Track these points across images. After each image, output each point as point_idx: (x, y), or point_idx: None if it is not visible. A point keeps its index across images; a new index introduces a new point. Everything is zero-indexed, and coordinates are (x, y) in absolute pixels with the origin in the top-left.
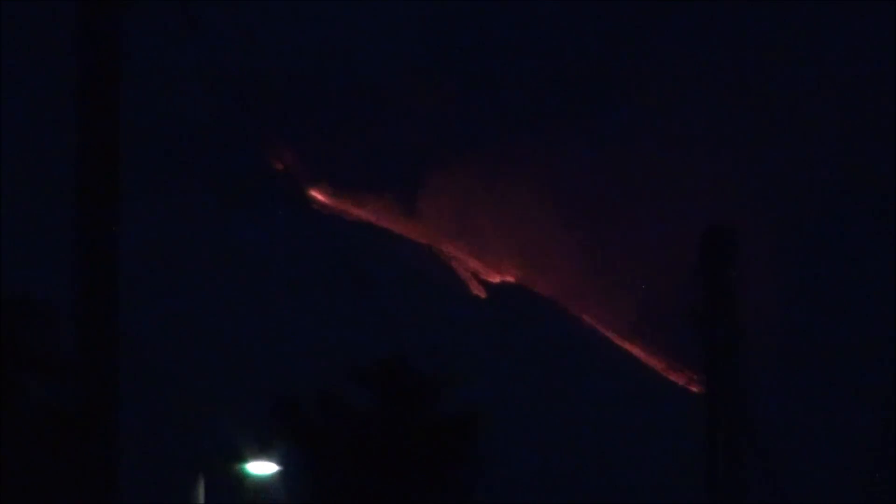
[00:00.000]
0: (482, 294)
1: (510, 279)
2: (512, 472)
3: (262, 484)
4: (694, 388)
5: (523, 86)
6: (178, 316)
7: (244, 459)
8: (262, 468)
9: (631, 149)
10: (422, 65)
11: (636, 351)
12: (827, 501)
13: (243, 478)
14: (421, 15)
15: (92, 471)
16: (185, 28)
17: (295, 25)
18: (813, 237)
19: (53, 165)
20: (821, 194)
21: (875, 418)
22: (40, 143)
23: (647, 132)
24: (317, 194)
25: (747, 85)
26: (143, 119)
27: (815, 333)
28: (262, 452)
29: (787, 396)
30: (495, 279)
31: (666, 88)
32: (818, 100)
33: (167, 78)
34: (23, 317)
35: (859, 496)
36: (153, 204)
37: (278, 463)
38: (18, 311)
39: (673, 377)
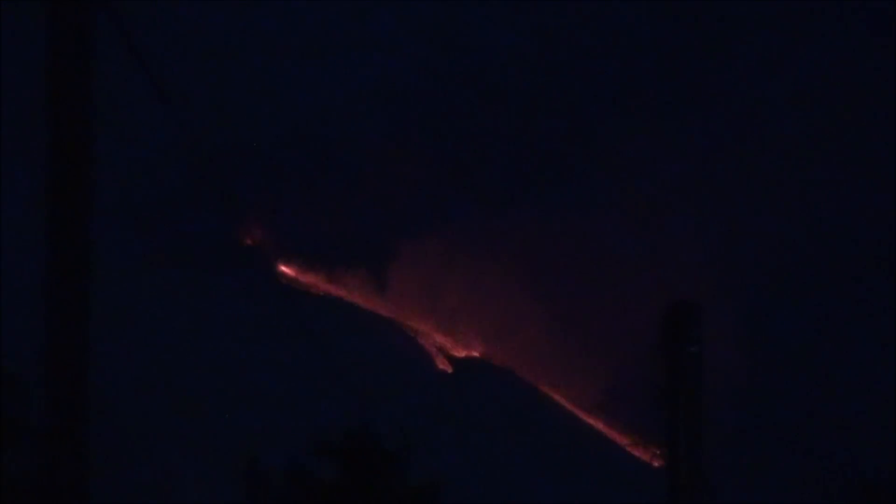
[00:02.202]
0: (448, 369)
1: (475, 354)
2: None
3: None
4: (656, 463)
5: (488, 164)
6: (149, 384)
7: None
8: None
9: (595, 226)
10: (391, 142)
11: (599, 425)
12: None
13: None
14: (388, 90)
15: None
16: (157, 100)
17: (268, 101)
18: (776, 312)
19: (24, 231)
20: (782, 270)
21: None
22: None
23: (611, 209)
24: (285, 269)
25: (707, 163)
26: (114, 182)
27: (777, 406)
28: None
29: (749, 471)
30: (461, 354)
31: (629, 164)
32: (780, 176)
33: (140, 145)
34: None
35: None
36: (125, 271)
37: None
38: None
39: (636, 452)
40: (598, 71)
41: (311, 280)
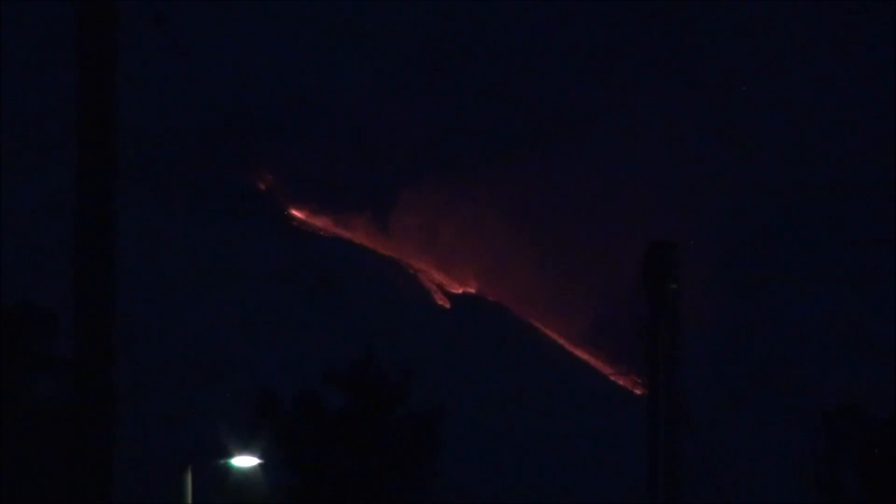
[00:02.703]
0: (446, 304)
1: (471, 290)
2: (470, 465)
3: (245, 476)
4: (638, 391)
5: (483, 118)
6: (169, 322)
7: (229, 454)
8: (245, 462)
9: (582, 173)
10: (389, 101)
11: (585, 356)
12: (757, 490)
13: (228, 471)
14: (394, 47)
15: (88, 463)
16: (174, 56)
17: (278, 58)
18: (750, 254)
19: (55, 180)
20: (756, 215)
21: (803, 424)
22: (43, 160)
23: (597, 158)
24: (296, 212)
25: (693, 114)
26: (137, 137)
27: (750, 340)
28: (245, 448)
29: (724, 398)
30: (458, 290)
31: (613, 119)
32: (765, 127)
33: (160, 102)
34: (26, 322)
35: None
36: (146, 218)
37: (260, 457)
38: (22, 317)
39: (619, 380)
40: (586, 36)
41: (320, 223)
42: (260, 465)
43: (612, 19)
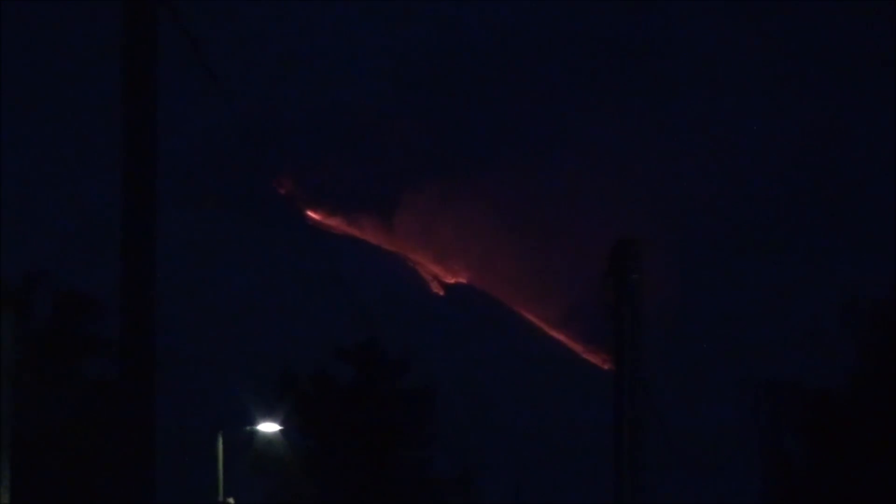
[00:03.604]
0: (441, 292)
1: (463, 280)
2: (461, 428)
3: (268, 441)
4: (606, 367)
5: (475, 130)
6: (202, 308)
7: (254, 422)
8: (268, 428)
9: (560, 178)
10: (396, 111)
11: (561, 336)
12: (707, 448)
13: (253, 436)
14: (395, 70)
15: (132, 432)
16: (205, 80)
17: (297, 77)
18: (702, 247)
19: (106, 188)
20: (711, 214)
21: (748, 396)
22: (92, 180)
23: (574, 165)
24: (312, 214)
25: (650, 133)
26: (173, 147)
27: (706, 326)
28: (269, 416)
29: (681, 372)
30: (451, 281)
31: (587, 131)
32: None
33: (190, 117)
34: (78, 309)
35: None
36: (181, 217)
37: (281, 424)
38: (75, 305)
39: (590, 358)
40: (562, 58)
41: (334, 223)
42: (281, 431)
43: (597, 38)
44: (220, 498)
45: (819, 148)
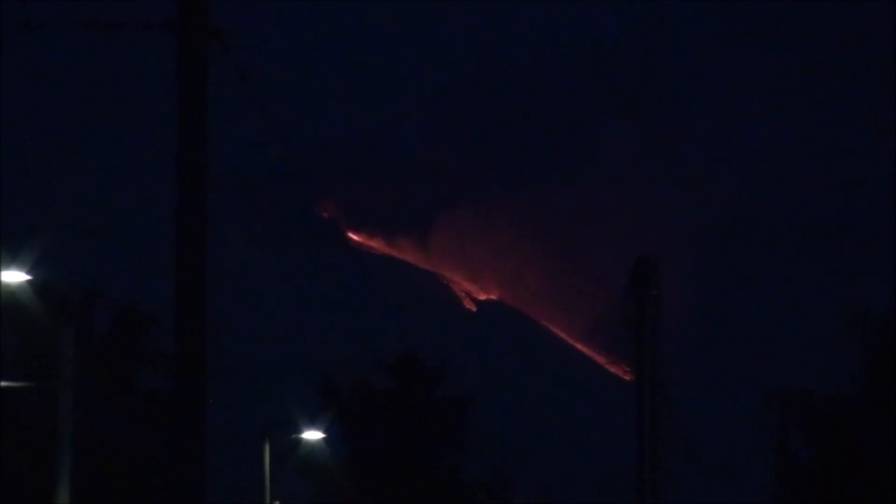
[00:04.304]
0: (473, 308)
1: (493, 297)
2: (493, 437)
3: (312, 448)
4: (627, 377)
5: (505, 157)
6: (251, 322)
7: (299, 429)
8: (312, 436)
9: (586, 200)
10: (430, 144)
11: (585, 349)
12: (725, 457)
13: (298, 442)
14: (430, 102)
15: (185, 438)
16: (255, 107)
17: (339, 109)
18: (720, 265)
19: (163, 213)
20: (727, 234)
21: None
22: (148, 208)
23: (598, 188)
24: (352, 235)
25: (673, 152)
26: (223, 173)
27: (721, 339)
28: (312, 424)
29: (696, 382)
30: (483, 297)
31: (610, 156)
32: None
33: (242, 146)
34: (135, 323)
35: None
36: (234, 241)
37: (324, 432)
38: (132, 319)
39: (612, 369)
40: (583, 89)
41: (375, 244)
42: (324, 438)
43: (607, 76)
44: (267, 500)
45: (827, 165)
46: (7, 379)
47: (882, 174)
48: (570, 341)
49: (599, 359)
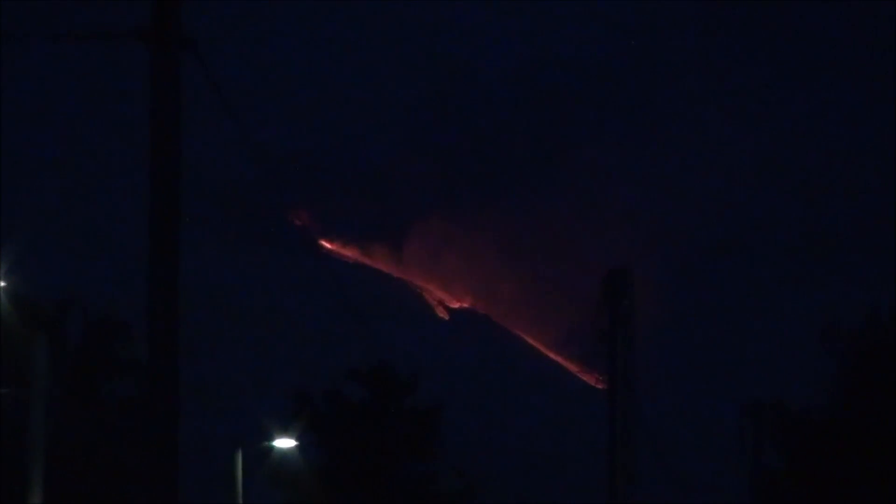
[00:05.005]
0: (445, 316)
1: (466, 305)
2: (466, 449)
3: (284, 456)
4: (599, 386)
5: (476, 167)
6: (223, 332)
7: (271, 437)
8: (284, 444)
9: (557, 209)
10: (403, 152)
11: (557, 358)
12: (694, 463)
13: (270, 451)
14: (403, 110)
15: (157, 448)
16: (226, 118)
17: (312, 118)
18: (689, 276)
19: (133, 216)
20: (697, 244)
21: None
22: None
23: (570, 196)
24: (327, 244)
25: (642, 172)
26: (196, 181)
27: (691, 348)
28: (285, 432)
29: (668, 393)
30: (455, 305)
31: (581, 166)
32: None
33: (213, 153)
34: (108, 332)
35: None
36: (205, 249)
37: (296, 440)
38: (105, 329)
39: (584, 377)
40: (557, 95)
41: (349, 252)
42: (297, 446)
43: (578, 90)
44: None
45: (804, 177)
46: None
47: (858, 187)
48: (543, 349)
49: (572, 367)
